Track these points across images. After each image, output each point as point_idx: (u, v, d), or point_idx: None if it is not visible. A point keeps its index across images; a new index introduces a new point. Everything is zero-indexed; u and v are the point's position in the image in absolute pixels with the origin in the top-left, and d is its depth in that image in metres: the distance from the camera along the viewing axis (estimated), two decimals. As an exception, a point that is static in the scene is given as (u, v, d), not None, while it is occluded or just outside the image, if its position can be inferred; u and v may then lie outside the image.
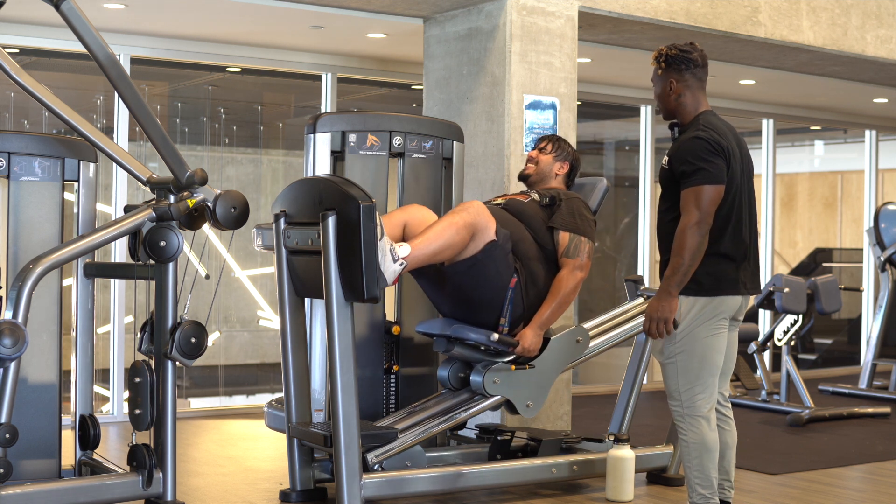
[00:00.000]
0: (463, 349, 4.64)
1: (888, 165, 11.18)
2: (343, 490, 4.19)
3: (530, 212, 4.77)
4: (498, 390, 4.68)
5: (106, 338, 6.80)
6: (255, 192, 8.90)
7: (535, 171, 5.07)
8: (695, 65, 4.11)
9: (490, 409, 4.80)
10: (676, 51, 4.11)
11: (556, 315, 4.68)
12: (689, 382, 4.01)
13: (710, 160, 3.93)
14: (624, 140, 10.65)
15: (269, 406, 5.11)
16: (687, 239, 3.90)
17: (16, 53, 6.73)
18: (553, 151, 5.08)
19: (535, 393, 4.75)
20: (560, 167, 5.07)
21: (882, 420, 7.19)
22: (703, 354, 4.02)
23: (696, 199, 3.91)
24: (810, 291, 7.37)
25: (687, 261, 3.91)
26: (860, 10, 7.21)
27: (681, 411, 4.04)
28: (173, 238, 4.11)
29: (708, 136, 3.97)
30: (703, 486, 4.02)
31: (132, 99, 4.03)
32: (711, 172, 3.92)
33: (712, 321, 4.02)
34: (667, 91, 4.12)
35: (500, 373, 4.67)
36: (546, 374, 4.78)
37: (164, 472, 4.17)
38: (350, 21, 6.39)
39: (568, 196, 4.87)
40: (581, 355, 4.91)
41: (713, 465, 4.02)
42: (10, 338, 3.71)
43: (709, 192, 3.92)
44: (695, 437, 4.01)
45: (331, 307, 4.22)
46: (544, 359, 4.75)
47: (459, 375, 4.78)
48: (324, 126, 4.85)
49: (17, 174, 4.36)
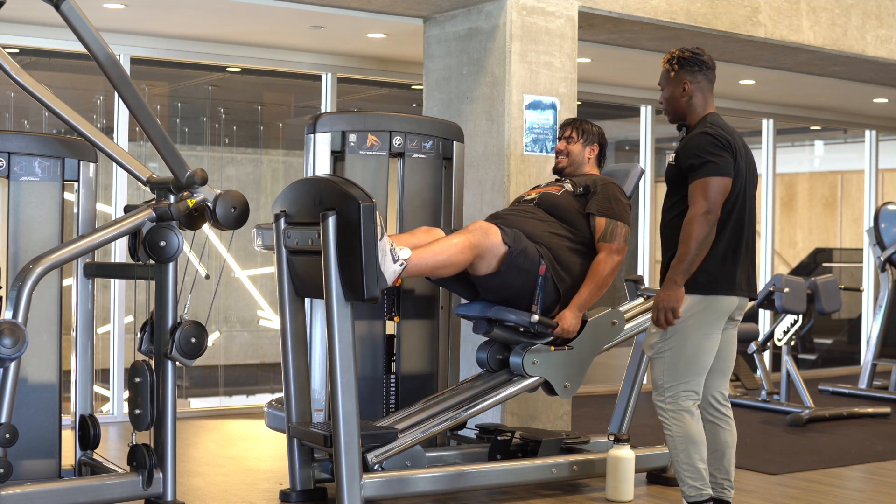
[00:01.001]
0: (502, 331, 4.70)
1: (888, 165, 11.18)
2: (343, 490, 4.19)
3: (564, 203, 4.80)
4: (537, 371, 4.72)
5: (106, 338, 6.79)
6: (255, 192, 8.90)
7: (568, 163, 5.07)
8: (706, 67, 4.19)
9: (527, 391, 4.82)
10: (689, 53, 4.18)
11: (594, 297, 4.72)
12: (674, 378, 4.07)
13: (718, 153, 3.98)
14: (624, 140, 10.65)
15: (269, 406, 5.11)
16: (695, 228, 3.94)
17: (16, 53, 6.73)
18: (580, 138, 5.08)
19: (573, 374, 4.79)
20: (591, 151, 5.08)
21: (882, 420, 7.19)
22: (692, 353, 4.06)
23: (703, 190, 3.96)
24: (810, 291, 7.37)
25: (693, 250, 3.94)
26: (860, 10, 7.21)
27: (664, 406, 4.10)
28: (173, 238, 4.11)
29: (715, 133, 4.03)
30: (692, 478, 4.05)
31: (132, 99, 4.03)
32: (719, 165, 3.97)
33: (705, 321, 4.05)
34: (679, 93, 4.17)
35: (539, 354, 4.71)
36: (584, 356, 4.82)
37: (164, 472, 4.17)
38: (350, 21, 6.39)
39: (604, 182, 4.88)
40: (616, 337, 4.95)
41: (700, 457, 4.05)
42: (10, 338, 3.71)
43: (717, 183, 3.96)
44: (679, 430, 4.06)
45: (331, 307, 4.22)
46: (582, 340, 4.79)
47: (498, 357, 4.84)
48: (324, 126, 4.85)
49: (17, 174, 4.36)
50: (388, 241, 4.23)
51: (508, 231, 4.57)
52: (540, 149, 5.80)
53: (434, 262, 4.40)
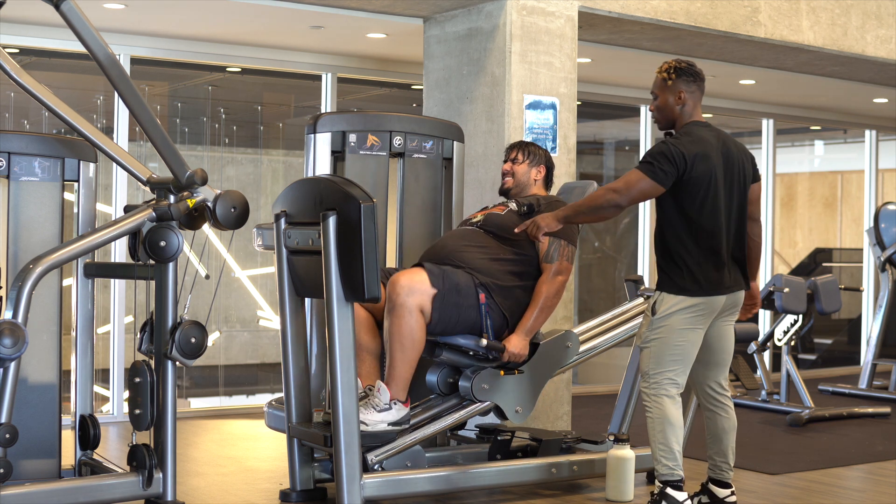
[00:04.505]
0: (452, 354, 4.63)
1: (888, 165, 11.18)
2: (343, 490, 4.19)
3: (509, 223, 4.76)
4: (487, 396, 4.67)
5: (106, 338, 6.79)
6: (255, 192, 8.90)
7: (513, 184, 5.05)
8: (699, 78, 4.39)
9: (479, 415, 4.80)
10: (685, 64, 4.39)
11: (539, 321, 4.68)
12: (658, 366, 4.26)
13: (661, 162, 4.17)
14: (624, 140, 10.65)
15: (269, 406, 5.11)
16: (600, 197, 4.22)
17: (16, 53, 6.73)
18: (526, 159, 5.05)
19: (524, 398, 4.75)
20: (537, 172, 5.04)
21: (882, 420, 7.19)
22: (675, 345, 4.25)
23: (629, 179, 4.20)
24: (810, 291, 7.37)
25: (585, 208, 4.29)
26: (860, 10, 7.21)
27: (647, 391, 4.29)
28: (173, 238, 4.11)
29: (674, 143, 4.22)
30: (666, 457, 4.24)
31: (132, 99, 4.03)
32: (656, 171, 4.17)
33: (692, 316, 4.25)
34: (675, 101, 4.34)
35: (488, 378, 4.67)
36: (535, 380, 4.78)
37: (164, 472, 4.17)
38: (350, 21, 6.39)
39: (549, 200, 4.87)
40: (571, 360, 4.92)
41: (676, 440, 4.24)
42: (10, 338, 3.71)
43: (644, 182, 4.19)
44: (658, 412, 4.25)
45: (331, 307, 4.22)
46: (533, 364, 4.76)
47: (448, 381, 4.75)
48: (324, 126, 4.85)
49: (17, 174, 4.36)
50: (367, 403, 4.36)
51: (435, 270, 4.53)
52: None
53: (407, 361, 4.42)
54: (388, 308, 4.43)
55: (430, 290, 4.45)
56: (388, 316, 4.43)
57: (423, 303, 4.42)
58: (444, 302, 4.48)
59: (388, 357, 4.46)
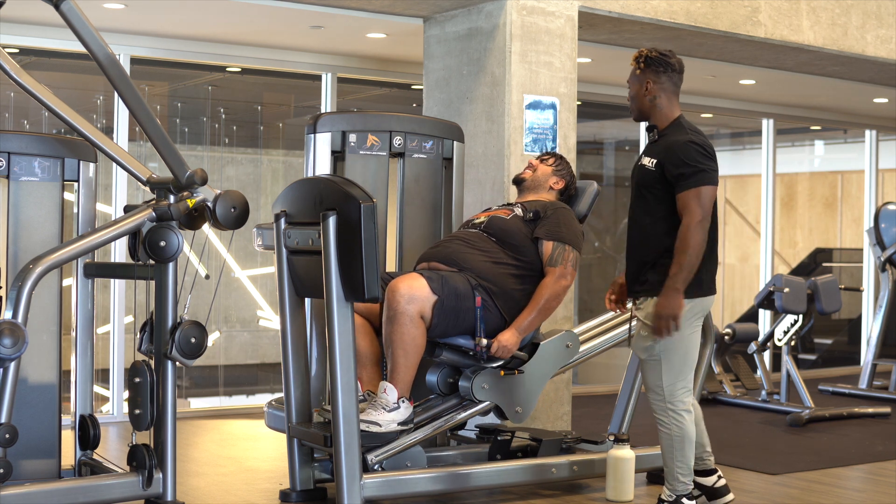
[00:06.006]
0: (451, 354, 4.63)
1: (888, 165, 11.18)
2: (343, 490, 4.19)
3: (512, 228, 4.75)
4: (486, 396, 4.68)
5: (106, 338, 6.79)
6: (255, 192, 8.91)
7: (531, 177, 5.03)
8: (672, 69, 4.27)
9: (479, 415, 4.80)
10: (657, 53, 4.27)
11: (536, 321, 4.67)
12: (672, 378, 4.20)
13: (707, 163, 4.12)
14: (624, 140, 10.65)
15: (269, 406, 5.11)
16: (692, 236, 4.05)
17: (16, 53, 6.73)
18: (554, 165, 5.05)
19: (523, 398, 4.75)
20: (556, 182, 5.02)
21: (882, 420, 7.19)
22: (686, 351, 4.21)
23: (698, 199, 4.07)
24: (810, 291, 7.37)
25: (693, 258, 4.07)
26: (860, 10, 7.21)
27: (663, 406, 4.22)
28: (173, 238, 4.11)
29: (702, 142, 4.16)
30: (683, 474, 4.24)
31: (132, 99, 4.03)
32: (709, 174, 4.10)
33: (694, 320, 4.21)
34: (642, 91, 4.26)
35: (488, 378, 4.67)
36: (535, 380, 4.78)
37: (164, 472, 4.17)
38: (350, 21, 6.39)
39: (555, 207, 4.85)
40: (571, 360, 4.92)
41: (693, 454, 4.26)
42: (10, 338, 3.71)
43: (709, 192, 4.10)
44: (678, 430, 4.21)
45: (331, 307, 4.22)
46: (533, 364, 4.76)
47: (448, 381, 4.76)
48: (324, 126, 4.85)
49: (16, 174, 4.36)
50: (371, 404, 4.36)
51: (434, 276, 4.52)
52: (540, 149, 5.80)
53: (411, 369, 4.42)
54: (389, 316, 4.41)
55: (430, 297, 4.44)
56: (389, 324, 4.41)
57: (423, 309, 4.42)
58: (444, 307, 4.48)
59: (389, 362, 4.45)
